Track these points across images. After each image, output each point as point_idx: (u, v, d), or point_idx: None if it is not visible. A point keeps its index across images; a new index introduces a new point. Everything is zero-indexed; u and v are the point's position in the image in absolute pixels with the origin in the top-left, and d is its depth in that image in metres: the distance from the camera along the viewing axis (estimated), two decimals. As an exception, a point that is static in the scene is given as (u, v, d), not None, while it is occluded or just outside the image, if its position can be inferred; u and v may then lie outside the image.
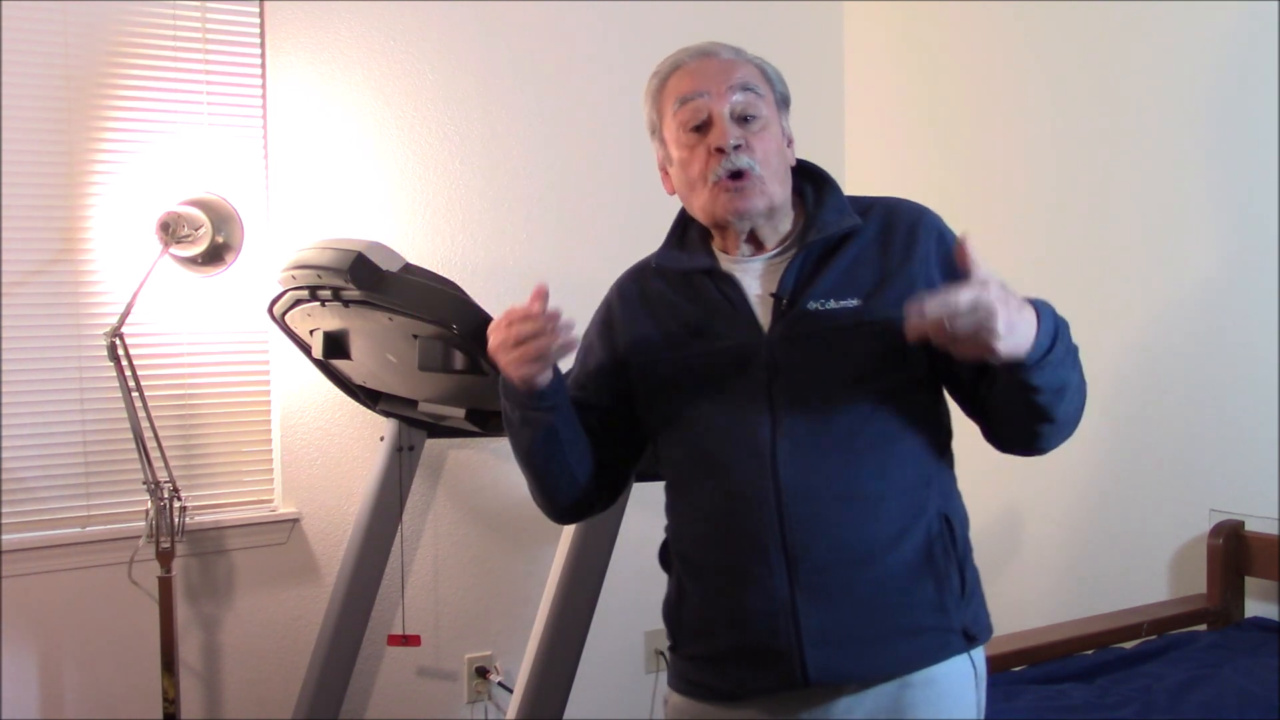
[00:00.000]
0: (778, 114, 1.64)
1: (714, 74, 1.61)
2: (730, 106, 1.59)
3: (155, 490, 2.63)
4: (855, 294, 1.56)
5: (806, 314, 1.56)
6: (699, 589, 1.63)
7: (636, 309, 1.71)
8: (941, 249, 1.59)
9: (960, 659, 1.59)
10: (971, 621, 1.59)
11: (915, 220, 1.62)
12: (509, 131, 3.30)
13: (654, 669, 3.54)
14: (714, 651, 1.61)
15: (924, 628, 1.55)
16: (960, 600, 1.57)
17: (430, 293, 2.34)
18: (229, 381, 2.99)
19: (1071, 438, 1.58)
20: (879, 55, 3.70)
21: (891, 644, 1.54)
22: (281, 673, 3.06)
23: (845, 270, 1.58)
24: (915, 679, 1.55)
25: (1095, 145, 3.08)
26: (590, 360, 1.75)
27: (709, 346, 1.61)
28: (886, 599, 1.53)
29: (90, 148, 2.80)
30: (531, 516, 3.39)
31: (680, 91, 1.62)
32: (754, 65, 1.65)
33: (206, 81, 2.92)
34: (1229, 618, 2.73)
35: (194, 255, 2.71)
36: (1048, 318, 1.44)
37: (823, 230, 1.59)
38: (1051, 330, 1.44)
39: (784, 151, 1.63)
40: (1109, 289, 3.03)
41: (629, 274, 1.78)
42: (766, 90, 1.63)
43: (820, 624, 1.52)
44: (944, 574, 1.56)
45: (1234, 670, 2.35)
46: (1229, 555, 2.74)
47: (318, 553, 3.10)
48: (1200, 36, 2.84)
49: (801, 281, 1.59)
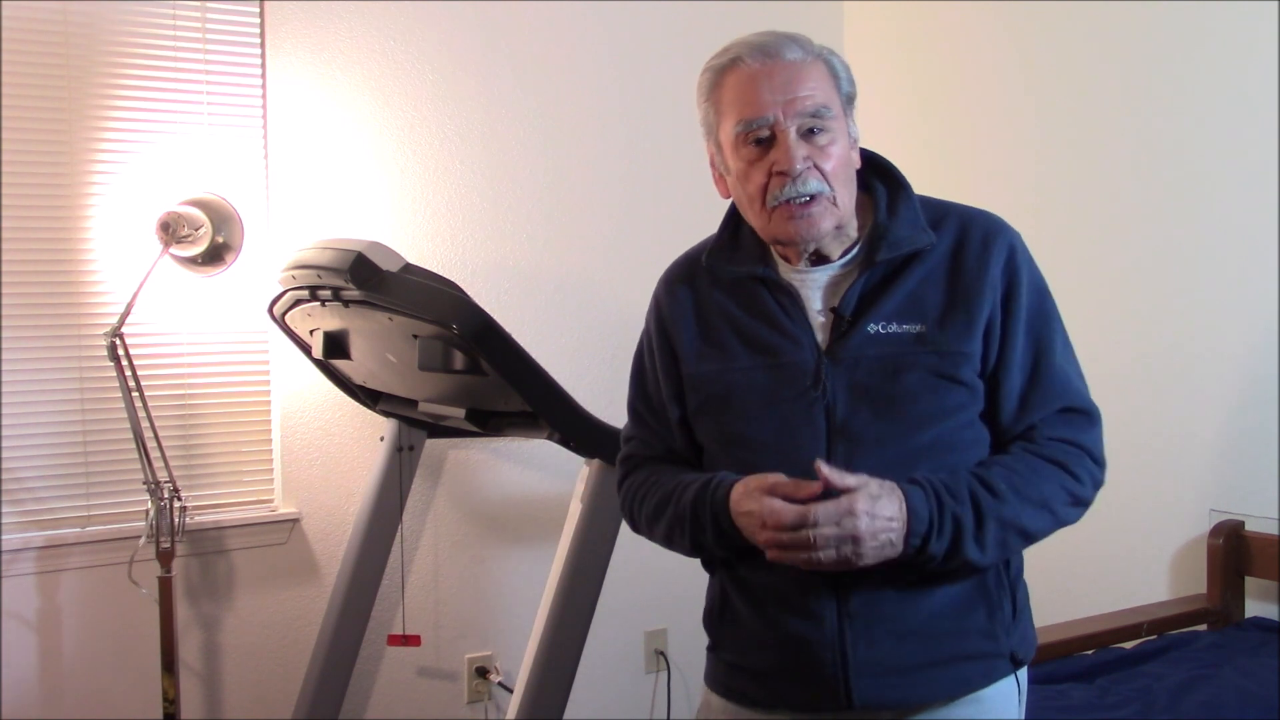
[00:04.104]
0: (845, 119, 1.52)
1: (780, 85, 1.47)
2: (797, 123, 1.47)
3: (155, 490, 2.63)
4: (919, 319, 1.49)
5: (867, 337, 1.49)
6: (744, 606, 1.57)
7: (688, 313, 1.61)
8: (1009, 271, 1.52)
9: (1007, 680, 1.55)
10: (1019, 644, 1.55)
11: (986, 238, 1.53)
12: (509, 131, 3.30)
13: (654, 669, 3.54)
14: (755, 666, 1.57)
15: (974, 655, 1.51)
16: (1011, 624, 1.54)
17: (430, 293, 2.34)
18: (229, 381, 2.99)
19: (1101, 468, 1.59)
20: (879, 55, 3.69)
21: (939, 673, 1.50)
22: (281, 673, 3.06)
23: (911, 292, 1.50)
24: (961, 699, 1.52)
25: (1096, 144, 3.08)
26: (662, 397, 1.64)
27: (764, 361, 1.53)
28: (937, 628, 1.49)
29: (90, 148, 2.80)
30: (531, 516, 3.41)
31: (742, 113, 1.48)
32: (822, 62, 1.51)
33: (206, 81, 2.92)
34: (1229, 618, 2.73)
35: (194, 255, 2.71)
36: (920, 518, 1.40)
37: (894, 249, 1.50)
38: (923, 529, 1.40)
39: (851, 160, 1.53)
40: (1109, 288, 3.03)
41: (677, 272, 1.67)
42: (834, 96, 1.50)
43: (868, 654, 1.48)
44: (997, 601, 1.52)
45: (1234, 670, 2.35)
46: (1229, 555, 2.74)
47: (318, 553, 3.10)
48: (1204, 33, 2.84)
49: (866, 300, 1.50)
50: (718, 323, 1.58)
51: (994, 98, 3.36)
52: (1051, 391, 1.52)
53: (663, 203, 3.46)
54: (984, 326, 1.49)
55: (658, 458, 1.66)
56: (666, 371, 1.63)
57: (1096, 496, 1.56)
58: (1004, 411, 1.51)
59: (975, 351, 1.49)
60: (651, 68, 3.46)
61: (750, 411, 1.53)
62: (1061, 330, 1.57)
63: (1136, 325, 2.97)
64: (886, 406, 1.48)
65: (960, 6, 3.43)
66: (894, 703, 1.50)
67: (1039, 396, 1.52)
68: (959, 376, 1.48)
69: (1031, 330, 1.52)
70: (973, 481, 1.44)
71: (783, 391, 1.51)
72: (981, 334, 1.49)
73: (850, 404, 1.48)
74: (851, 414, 1.48)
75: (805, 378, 1.50)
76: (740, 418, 1.54)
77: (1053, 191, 3.19)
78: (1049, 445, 1.51)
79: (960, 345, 1.48)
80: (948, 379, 1.48)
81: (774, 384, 1.52)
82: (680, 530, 1.55)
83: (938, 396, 1.47)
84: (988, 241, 1.52)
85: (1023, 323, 1.51)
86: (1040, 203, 3.21)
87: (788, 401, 1.50)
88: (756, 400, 1.53)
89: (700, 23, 3.48)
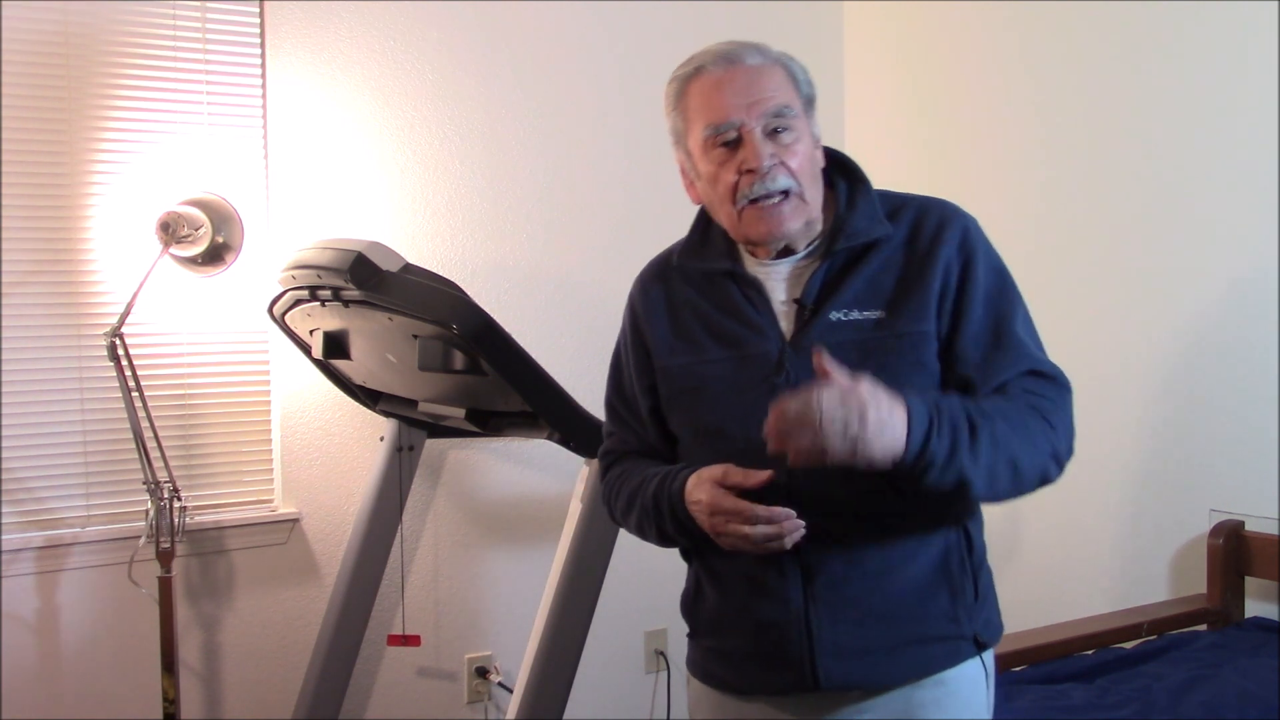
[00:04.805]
0: (807, 119, 1.58)
1: (742, 89, 1.54)
2: (762, 123, 1.53)
3: (155, 490, 2.63)
4: (878, 305, 1.54)
5: (829, 324, 1.53)
6: (715, 592, 1.64)
7: (660, 310, 1.67)
8: (964, 252, 1.55)
9: (971, 661, 1.59)
10: (983, 627, 1.59)
11: (940, 224, 1.57)
12: (509, 131, 3.30)
13: (654, 669, 3.54)
14: (729, 649, 1.63)
15: (936, 637, 1.55)
16: (974, 607, 1.58)
17: (430, 293, 2.34)
18: (229, 381, 2.99)
19: (1071, 437, 1.57)
20: (879, 55, 3.70)
21: (902, 654, 1.54)
22: (281, 673, 3.06)
23: (870, 279, 1.55)
24: (927, 681, 1.56)
25: (1097, 144, 3.08)
26: (636, 392, 1.71)
27: (731, 353, 1.58)
28: (900, 612, 1.53)
29: (90, 148, 2.80)
30: (531, 516, 3.41)
31: (709, 118, 1.55)
32: (781, 66, 1.58)
33: (206, 81, 2.92)
34: (1229, 618, 2.73)
35: (194, 255, 2.71)
36: (920, 417, 1.39)
37: (851, 239, 1.56)
38: (924, 427, 1.38)
39: (815, 158, 1.59)
40: (1109, 288, 3.03)
41: (651, 272, 1.73)
42: (795, 97, 1.56)
43: (833, 636, 1.53)
44: (959, 585, 1.56)
45: (1234, 670, 2.35)
46: (1229, 555, 2.74)
47: (318, 553, 3.10)
48: (1205, 32, 2.84)
49: (826, 289, 1.56)
50: (688, 318, 1.64)
51: (994, 97, 3.36)
52: (1015, 355, 1.54)
53: (662, 203, 3.45)
54: (937, 304, 1.53)
55: (634, 452, 1.73)
56: (640, 368, 1.69)
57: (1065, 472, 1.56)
58: (968, 379, 1.52)
59: (931, 330, 1.53)
60: (652, 68, 3.44)
61: (719, 401, 1.58)
62: (1023, 308, 1.59)
63: (1136, 325, 2.97)
64: None
65: (960, 7, 3.43)
66: (860, 683, 1.54)
67: (1003, 359, 1.53)
68: (919, 358, 1.52)
69: (990, 304, 1.55)
70: (965, 401, 1.46)
71: (749, 381, 1.56)
72: (935, 312, 1.53)
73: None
74: None
75: (770, 366, 1.55)
76: (711, 408, 1.59)
77: (1054, 190, 3.18)
78: (1026, 396, 1.52)
79: (917, 325, 1.52)
80: (908, 361, 1.52)
81: (741, 374, 1.57)
82: (647, 521, 1.63)
83: (898, 378, 1.47)
84: (941, 226, 1.57)
85: (980, 298, 1.55)
86: (1041, 202, 3.21)
87: (753, 390, 1.54)
88: (725, 390, 1.58)
89: (700, 23, 3.48)
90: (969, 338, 1.54)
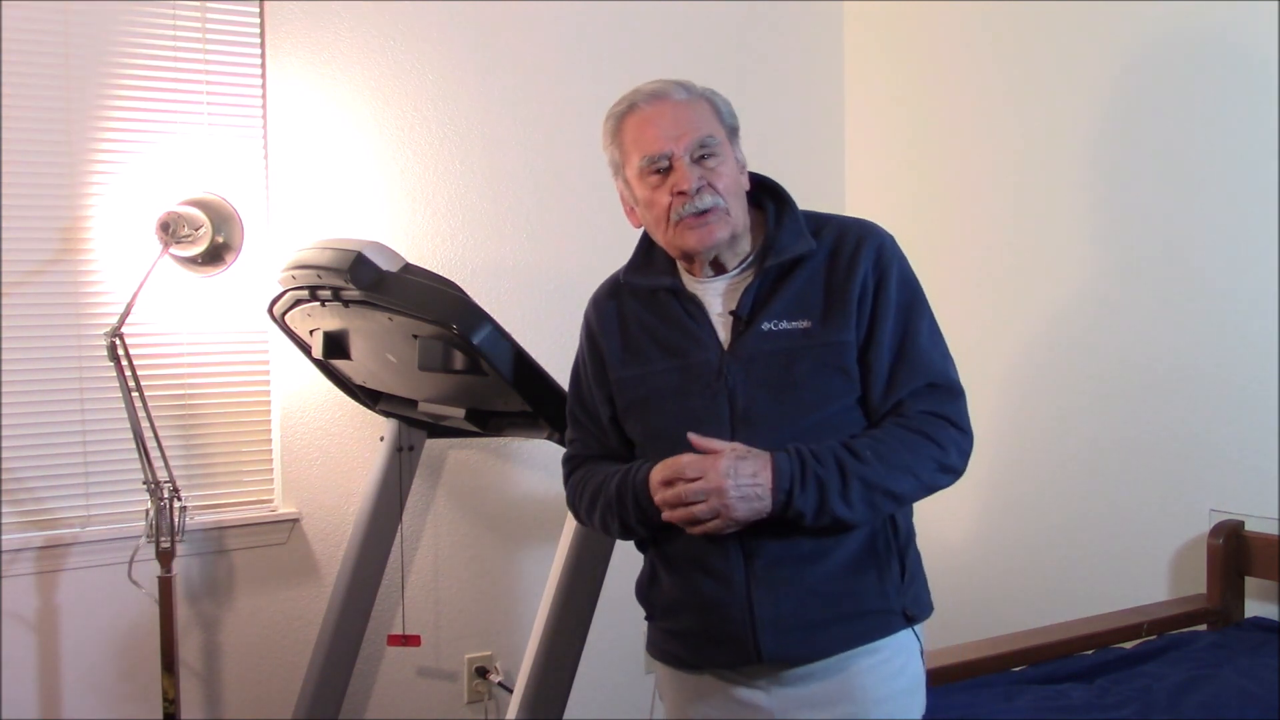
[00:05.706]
0: (730, 146, 1.77)
1: (669, 121, 1.73)
2: (690, 151, 1.71)
3: (155, 490, 2.63)
4: (806, 315, 1.72)
5: (761, 333, 1.71)
6: (668, 575, 1.82)
7: (613, 325, 1.85)
8: (879, 268, 1.73)
9: (903, 633, 1.76)
10: (911, 603, 1.76)
11: (859, 241, 1.75)
12: (509, 132, 3.30)
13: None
14: (681, 628, 1.82)
15: (867, 611, 1.72)
16: (901, 584, 1.75)
17: (430, 293, 2.34)
18: (229, 381, 3.00)
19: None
20: (879, 55, 3.70)
21: (837, 627, 1.71)
22: (281, 673, 3.06)
23: (797, 292, 1.73)
24: (861, 649, 1.72)
25: (1096, 144, 3.08)
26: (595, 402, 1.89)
27: (676, 363, 1.76)
28: (833, 588, 1.70)
29: (90, 148, 2.80)
30: (531, 516, 3.41)
31: (643, 150, 1.74)
32: (705, 101, 1.77)
33: (206, 81, 2.92)
34: (1229, 618, 2.73)
35: (194, 255, 2.71)
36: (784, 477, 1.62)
37: (779, 255, 1.73)
38: (786, 487, 1.62)
39: (740, 180, 1.77)
40: (1109, 289, 3.03)
41: (604, 291, 1.92)
42: (718, 127, 1.75)
43: (773, 612, 1.70)
44: (885, 564, 1.73)
45: (1234, 670, 2.35)
46: (1229, 555, 2.74)
47: (318, 553, 3.10)
48: (1198, 35, 2.84)
49: (759, 302, 1.73)
50: (637, 332, 1.82)
51: (994, 97, 3.36)
52: (917, 368, 1.73)
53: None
54: (856, 316, 1.72)
55: (595, 456, 1.91)
56: (598, 379, 1.88)
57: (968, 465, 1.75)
58: (875, 389, 1.72)
59: (852, 340, 1.72)
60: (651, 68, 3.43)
61: (666, 408, 1.77)
62: (929, 318, 1.78)
63: (1136, 326, 2.97)
64: (779, 393, 1.70)
65: (959, 7, 3.43)
66: (799, 656, 1.72)
67: (905, 373, 1.73)
68: (842, 365, 1.71)
69: (900, 317, 1.74)
70: (839, 449, 1.66)
71: (692, 387, 1.74)
72: (854, 323, 1.72)
73: (749, 393, 1.71)
74: (750, 402, 1.71)
75: (710, 373, 1.73)
76: (658, 414, 1.78)
77: (1053, 190, 3.19)
78: (916, 418, 1.71)
79: (840, 335, 1.71)
80: (832, 368, 1.71)
81: (684, 382, 1.75)
82: (610, 514, 1.80)
83: (823, 383, 1.70)
84: (860, 244, 1.75)
85: (891, 311, 1.73)
86: (1041, 201, 3.21)
87: (696, 395, 1.74)
88: (671, 397, 1.76)
89: (701, 24, 3.47)
90: (880, 348, 1.72)
